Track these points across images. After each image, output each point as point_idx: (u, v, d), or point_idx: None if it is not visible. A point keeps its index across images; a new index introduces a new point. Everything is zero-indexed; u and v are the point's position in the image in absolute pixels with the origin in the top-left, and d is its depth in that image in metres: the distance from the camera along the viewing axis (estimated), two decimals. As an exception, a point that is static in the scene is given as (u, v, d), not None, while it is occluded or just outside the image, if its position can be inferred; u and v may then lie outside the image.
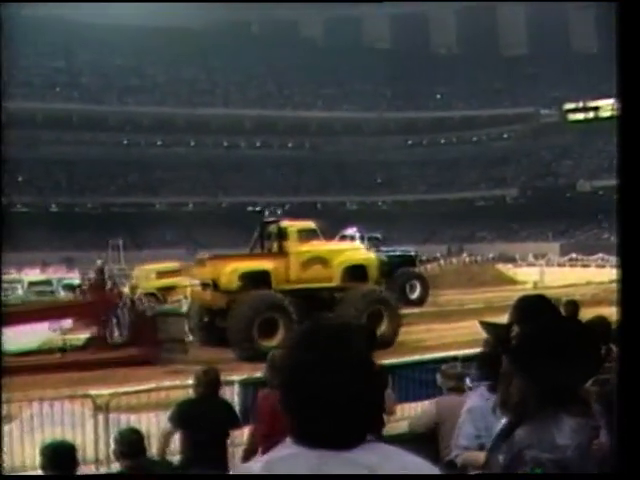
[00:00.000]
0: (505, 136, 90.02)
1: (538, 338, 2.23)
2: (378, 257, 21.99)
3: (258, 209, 65.24)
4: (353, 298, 18.69)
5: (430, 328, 21.48)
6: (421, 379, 8.86)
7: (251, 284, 18.35)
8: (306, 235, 19.55)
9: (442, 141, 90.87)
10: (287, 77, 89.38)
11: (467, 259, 55.20)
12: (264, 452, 6.36)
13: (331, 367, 1.54)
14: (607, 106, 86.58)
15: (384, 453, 1.55)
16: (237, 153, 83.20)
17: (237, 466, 1.61)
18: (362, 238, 30.20)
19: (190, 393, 6.83)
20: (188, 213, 75.82)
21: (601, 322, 7.02)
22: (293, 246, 19.19)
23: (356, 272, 19.93)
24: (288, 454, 1.55)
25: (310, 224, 20.17)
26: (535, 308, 2.36)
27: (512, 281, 38.65)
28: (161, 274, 26.42)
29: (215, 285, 18.55)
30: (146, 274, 26.86)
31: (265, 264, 18.98)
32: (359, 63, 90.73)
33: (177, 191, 76.43)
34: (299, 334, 1.63)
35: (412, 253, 32.22)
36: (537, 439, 2.17)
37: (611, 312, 10.20)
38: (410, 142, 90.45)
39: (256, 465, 1.55)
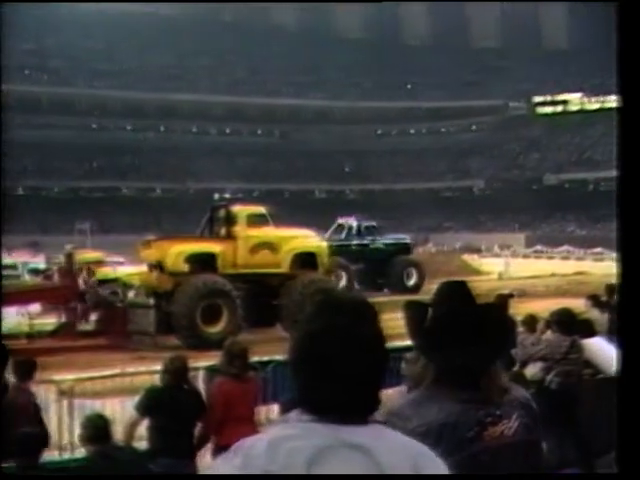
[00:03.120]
0: (474, 128, 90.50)
1: (443, 320, 2.30)
2: (329, 245, 21.64)
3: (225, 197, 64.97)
4: (300, 285, 18.35)
5: (394, 317, 21.55)
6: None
7: (198, 267, 17.91)
8: (256, 220, 19.04)
9: (411, 131, 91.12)
10: (258, 64, 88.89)
11: (433, 249, 55.52)
12: (218, 439, 6.36)
13: (351, 339, 1.54)
14: (575, 100, 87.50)
15: (377, 433, 1.55)
16: (206, 139, 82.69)
17: (234, 447, 1.53)
18: (359, 227, 30.32)
19: (155, 379, 6.80)
20: (156, 199, 75.36)
21: (566, 313, 7.14)
22: (242, 230, 18.68)
23: (306, 260, 19.55)
24: (291, 434, 1.50)
25: (260, 209, 19.69)
26: (451, 293, 2.43)
27: (477, 272, 38.90)
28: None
29: (161, 267, 18.03)
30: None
31: (212, 247, 18.46)
32: (330, 52, 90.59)
33: (145, 176, 75.93)
34: (320, 304, 1.62)
35: (407, 241, 32.24)
36: (408, 412, 2.23)
37: (575, 303, 10.30)
38: (379, 132, 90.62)
39: (260, 444, 1.48)
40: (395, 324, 2.78)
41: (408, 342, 2.58)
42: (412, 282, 28.78)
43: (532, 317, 8.62)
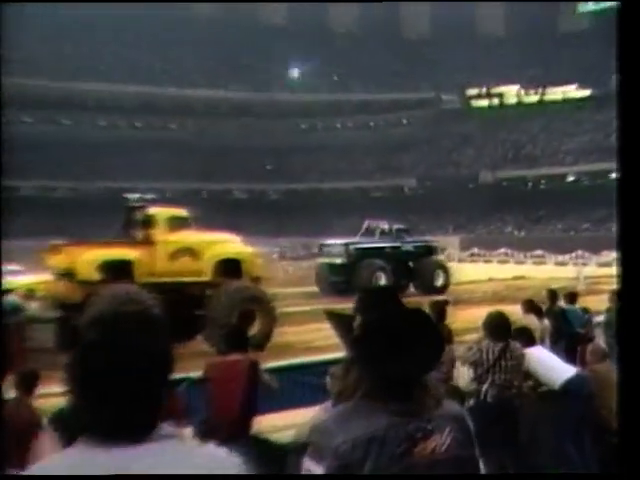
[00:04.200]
0: (404, 122, 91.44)
1: (374, 328, 2.31)
2: (254, 251, 21.47)
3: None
4: (222, 295, 18.10)
5: (320, 327, 21.58)
6: (311, 383, 8.86)
7: (112, 275, 16.89)
8: (176, 223, 18.48)
9: (338, 126, 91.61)
10: (171, 52, 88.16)
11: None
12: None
13: (125, 354, 1.58)
14: (512, 92, 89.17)
15: (140, 452, 1.57)
16: (115, 133, 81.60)
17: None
18: (390, 229, 33.20)
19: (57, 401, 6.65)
20: (57, 199, 73.86)
21: (496, 317, 7.24)
22: (160, 235, 18.14)
23: (230, 267, 19.30)
24: (65, 457, 1.55)
25: (181, 211, 19.14)
26: (379, 299, 2.44)
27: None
28: None
29: (71, 276, 17.32)
30: None
31: (128, 253, 17.83)
32: (251, 40, 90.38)
33: (47, 174, 74.33)
34: (94, 316, 1.68)
35: (435, 244, 35.25)
36: (333, 427, 2.23)
37: (514, 310, 10.46)
38: (303, 126, 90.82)
39: (39, 469, 1.55)
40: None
41: (332, 355, 2.60)
42: (440, 283, 31.34)
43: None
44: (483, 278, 37.12)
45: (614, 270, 47.72)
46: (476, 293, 30.20)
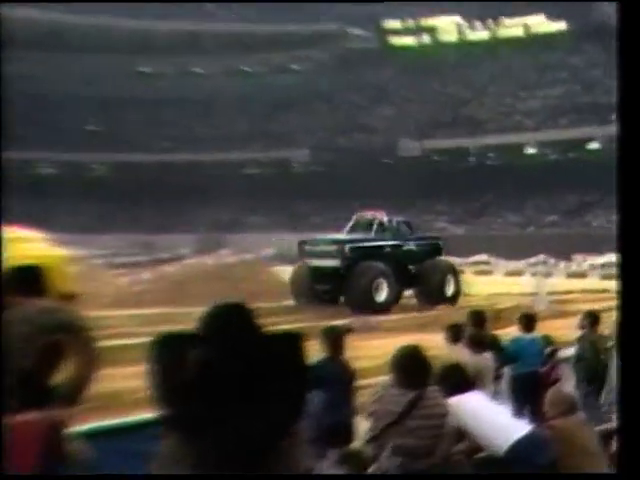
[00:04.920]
0: (294, 67, 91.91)
1: (207, 369, 2.27)
2: (65, 255, 21.27)
3: None
4: (14, 322, 17.74)
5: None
6: (138, 451, 8.72)
7: None
8: None
9: (195, 70, 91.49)
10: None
11: (230, 258, 55.65)
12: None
13: None
14: (448, 26, 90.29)
15: None
16: None
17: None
18: (390, 222, 34.43)
19: None
20: None
21: (410, 354, 7.26)
22: None
23: (25, 279, 18.95)
24: None
25: None
26: (222, 324, 2.41)
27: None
28: None
29: None
30: None
31: None
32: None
33: None
34: None
35: (440, 241, 36.99)
36: None
37: (435, 340, 10.59)
38: (143, 69, 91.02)
39: None
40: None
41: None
42: (451, 291, 33.35)
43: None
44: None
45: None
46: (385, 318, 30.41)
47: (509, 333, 13.99)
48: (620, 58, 3.58)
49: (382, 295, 31.15)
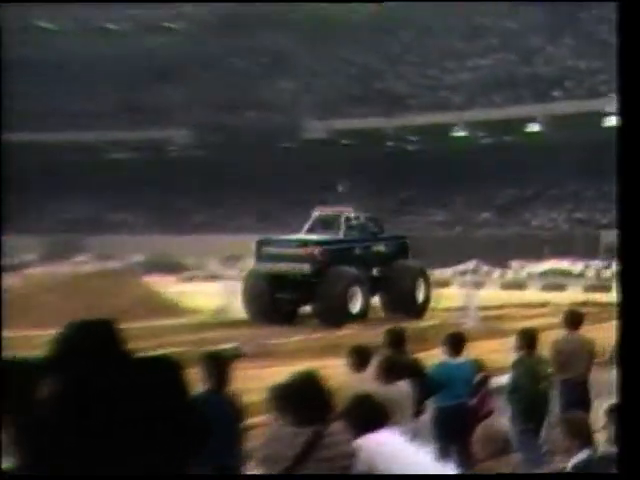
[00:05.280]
0: (169, 26, 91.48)
1: (57, 403, 2.32)
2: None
3: None
4: None
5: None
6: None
7: None
8: None
9: (41, 25, 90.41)
10: None
11: (88, 265, 55.33)
12: None
13: None
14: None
15: None
16: None
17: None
18: (358, 219, 36.30)
19: None
20: None
21: (305, 383, 7.30)
22: None
23: None
24: None
25: None
26: (80, 345, 2.45)
27: (178, 307, 39.28)
28: None
29: None
30: None
31: None
32: None
33: None
34: None
35: (407, 241, 38.55)
36: None
37: (335, 366, 10.71)
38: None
39: None
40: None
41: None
42: (421, 297, 35.36)
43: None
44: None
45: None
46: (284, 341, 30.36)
47: (433, 357, 14.03)
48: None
49: (357, 305, 32.45)
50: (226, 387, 9.18)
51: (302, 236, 35.44)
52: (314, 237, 34.87)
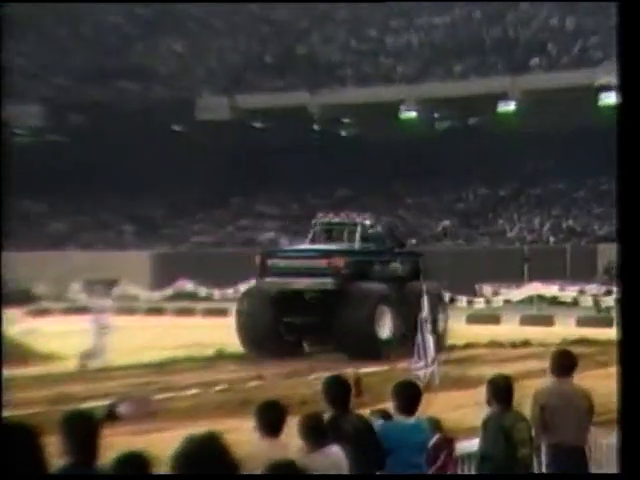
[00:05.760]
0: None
1: None
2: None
3: None
4: None
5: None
6: None
7: None
8: None
9: None
10: None
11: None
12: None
13: None
14: None
15: None
16: None
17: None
18: (373, 227, 37.22)
19: None
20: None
21: (199, 447, 7.27)
22: None
23: None
24: None
25: None
26: None
27: (26, 352, 39.49)
28: None
29: None
30: None
31: None
32: None
33: None
34: None
35: (420, 258, 39.40)
36: None
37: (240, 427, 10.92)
38: None
39: None
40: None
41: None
42: (441, 327, 36.46)
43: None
44: (206, 354, 37.55)
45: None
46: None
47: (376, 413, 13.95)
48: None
49: (385, 330, 33.36)
50: (94, 460, 8.70)
51: (322, 246, 36.00)
52: (337, 246, 35.86)
